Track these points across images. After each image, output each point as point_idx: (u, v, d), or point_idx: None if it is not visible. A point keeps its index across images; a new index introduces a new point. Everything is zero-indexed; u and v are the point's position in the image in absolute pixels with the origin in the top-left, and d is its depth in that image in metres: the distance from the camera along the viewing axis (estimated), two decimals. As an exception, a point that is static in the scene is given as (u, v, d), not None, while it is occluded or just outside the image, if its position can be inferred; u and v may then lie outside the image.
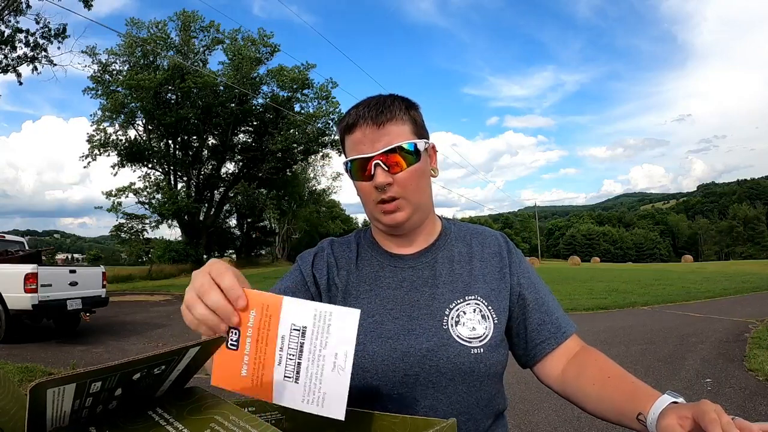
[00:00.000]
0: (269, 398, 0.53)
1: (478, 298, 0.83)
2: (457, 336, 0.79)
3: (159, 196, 26.85)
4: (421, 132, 0.84)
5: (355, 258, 0.90)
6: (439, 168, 0.90)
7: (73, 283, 7.39)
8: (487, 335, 0.80)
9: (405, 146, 0.79)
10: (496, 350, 0.81)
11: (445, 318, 0.80)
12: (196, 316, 0.55)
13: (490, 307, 0.83)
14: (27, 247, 9.03)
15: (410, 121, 0.82)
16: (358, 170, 0.81)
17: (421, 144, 0.81)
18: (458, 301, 0.82)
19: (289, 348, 0.52)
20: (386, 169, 0.79)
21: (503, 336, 0.84)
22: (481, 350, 0.78)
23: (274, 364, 0.53)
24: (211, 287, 0.55)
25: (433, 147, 0.88)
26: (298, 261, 0.92)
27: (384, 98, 0.83)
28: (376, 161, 0.79)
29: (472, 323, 0.80)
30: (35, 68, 18.23)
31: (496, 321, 0.82)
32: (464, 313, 0.81)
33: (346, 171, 0.85)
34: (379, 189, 0.80)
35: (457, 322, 0.80)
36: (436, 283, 0.84)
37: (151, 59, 26.18)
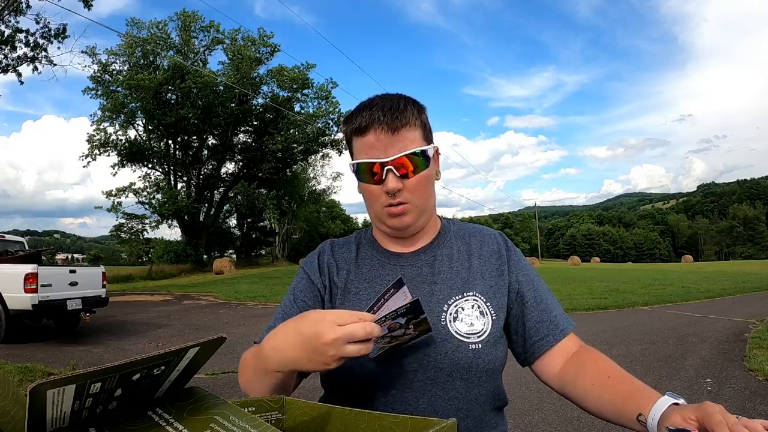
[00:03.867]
0: None
1: (477, 294, 0.83)
2: (455, 332, 0.79)
3: (159, 196, 26.86)
4: (429, 136, 0.85)
5: (354, 257, 0.91)
6: (440, 167, 0.90)
7: (73, 283, 7.38)
8: (485, 331, 0.80)
9: (417, 153, 0.80)
10: (495, 346, 0.81)
11: (443, 314, 0.81)
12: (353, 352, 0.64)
13: (488, 304, 0.83)
14: (27, 247, 9.02)
15: (421, 126, 0.83)
16: (367, 173, 0.81)
17: (430, 150, 0.82)
18: (456, 298, 0.82)
19: None
20: (398, 175, 0.79)
21: (502, 333, 0.84)
22: (479, 346, 0.79)
23: None
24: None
25: (437, 150, 0.88)
26: (304, 267, 0.93)
27: (397, 101, 0.82)
28: (388, 167, 0.79)
29: (470, 319, 0.80)
30: (35, 68, 18.21)
31: (494, 317, 0.82)
32: (462, 309, 0.81)
33: (353, 171, 0.85)
34: (390, 194, 0.80)
35: (455, 318, 0.80)
36: (434, 280, 0.85)
37: (151, 59, 26.18)
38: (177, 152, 29.24)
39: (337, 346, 0.61)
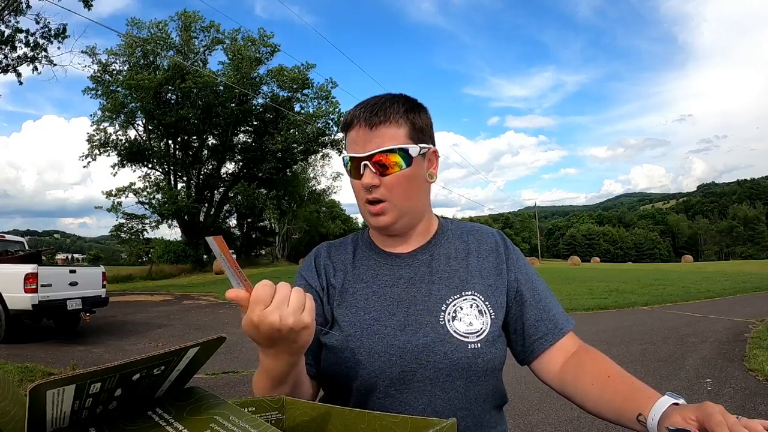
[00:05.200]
0: None
1: (475, 293, 0.83)
2: (454, 331, 0.79)
3: (159, 196, 26.86)
4: (421, 136, 0.83)
5: (351, 258, 0.91)
6: (440, 168, 0.89)
7: (73, 283, 7.38)
8: (484, 330, 0.80)
9: (394, 150, 0.79)
10: (494, 345, 0.81)
11: (442, 314, 0.80)
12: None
13: (487, 303, 0.82)
14: (27, 247, 9.03)
15: (408, 124, 0.81)
16: (353, 168, 0.82)
17: (414, 149, 0.80)
18: (455, 297, 0.82)
19: None
20: (374, 171, 0.79)
21: (501, 331, 0.84)
22: (479, 345, 0.78)
23: None
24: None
25: (435, 152, 0.86)
26: (301, 272, 0.92)
27: (384, 99, 0.82)
28: (364, 162, 0.79)
29: (468, 318, 0.80)
30: (35, 68, 18.20)
31: (493, 316, 0.82)
32: (461, 308, 0.81)
33: (344, 166, 0.86)
34: (366, 190, 0.81)
35: (453, 318, 0.80)
36: (432, 280, 0.84)
37: (151, 59, 26.18)
38: (177, 152, 29.24)
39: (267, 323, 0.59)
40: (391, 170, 0.79)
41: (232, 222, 37.02)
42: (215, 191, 31.35)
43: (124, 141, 26.91)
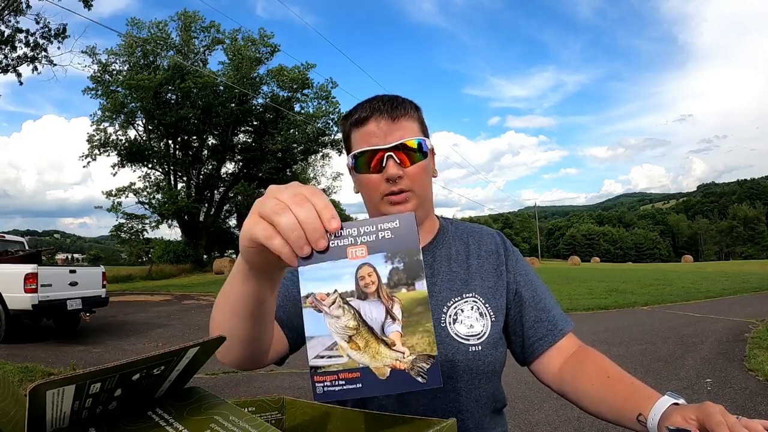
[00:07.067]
0: None
1: (476, 296, 0.83)
2: (455, 334, 0.79)
3: (159, 196, 26.87)
4: (426, 132, 0.87)
5: None
6: (439, 168, 0.92)
7: (73, 283, 7.38)
8: (484, 333, 0.80)
9: (417, 142, 0.81)
10: (494, 348, 0.81)
11: (443, 316, 0.80)
12: (283, 225, 0.45)
13: (487, 305, 0.83)
14: (27, 247, 9.02)
15: (418, 120, 0.85)
16: (366, 163, 0.81)
17: (429, 142, 0.84)
18: (456, 299, 0.82)
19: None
20: (398, 161, 0.80)
21: (501, 334, 0.84)
22: (479, 348, 0.78)
23: None
24: (306, 201, 0.46)
25: (432, 150, 0.89)
26: (289, 272, 0.85)
27: (394, 96, 0.85)
28: (388, 153, 0.79)
29: (469, 321, 0.80)
30: (35, 68, 18.21)
31: (493, 319, 0.82)
32: (462, 311, 0.81)
33: (351, 165, 0.84)
34: (390, 181, 0.80)
35: (454, 320, 0.80)
36: (433, 282, 0.84)
37: (151, 59, 26.19)
38: (177, 152, 29.24)
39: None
40: (413, 161, 0.81)
41: (232, 222, 36.99)
42: (215, 191, 31.36)
43: (124, 141, 26.93)
